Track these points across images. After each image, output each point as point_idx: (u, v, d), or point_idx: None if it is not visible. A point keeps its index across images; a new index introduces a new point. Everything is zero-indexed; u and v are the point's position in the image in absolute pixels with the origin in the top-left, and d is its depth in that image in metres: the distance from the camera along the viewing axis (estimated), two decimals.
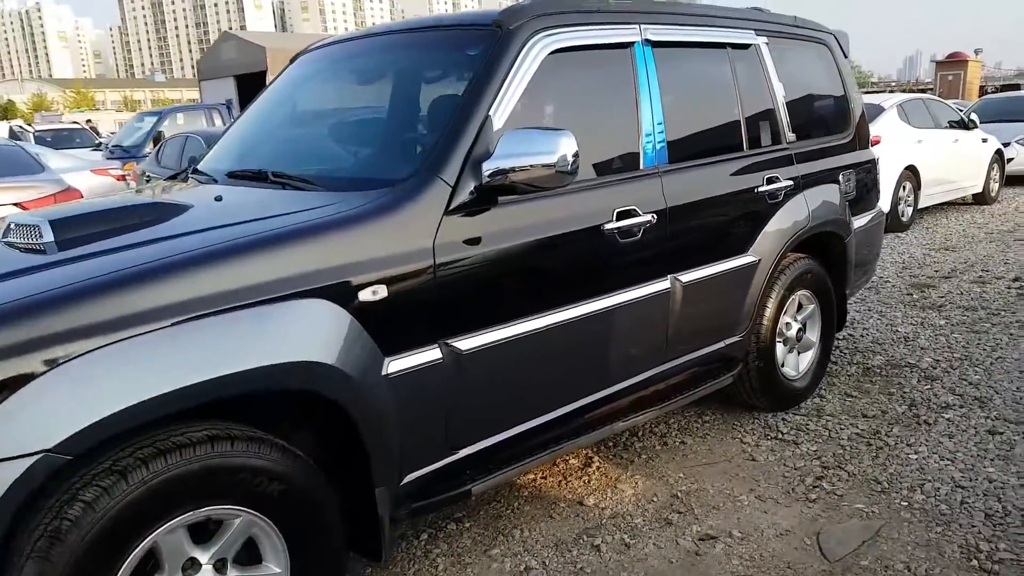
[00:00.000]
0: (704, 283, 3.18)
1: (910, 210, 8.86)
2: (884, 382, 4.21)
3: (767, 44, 3.67)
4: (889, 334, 5.03)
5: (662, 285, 3.01)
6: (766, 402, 3.77)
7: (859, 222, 4.19)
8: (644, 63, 3.03)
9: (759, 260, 3.45)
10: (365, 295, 2.13)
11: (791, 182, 3.60)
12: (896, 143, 8.55)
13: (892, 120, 8.74)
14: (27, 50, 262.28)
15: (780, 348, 3.76)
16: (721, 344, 3.45)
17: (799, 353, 3.92)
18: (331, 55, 3.38)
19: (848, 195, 4.03)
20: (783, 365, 3.80)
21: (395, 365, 2.19)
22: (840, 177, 3.97)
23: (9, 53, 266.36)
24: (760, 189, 3.44)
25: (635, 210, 2.87)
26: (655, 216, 2.93)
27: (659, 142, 3.04)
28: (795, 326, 3.83)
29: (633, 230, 2.85)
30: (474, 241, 2.37)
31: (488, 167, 2.34)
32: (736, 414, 3.84)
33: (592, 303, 2.75)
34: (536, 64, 2.61)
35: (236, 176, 2.87)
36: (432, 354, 2.28)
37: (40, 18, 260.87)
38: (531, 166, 2.33)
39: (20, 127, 27.50)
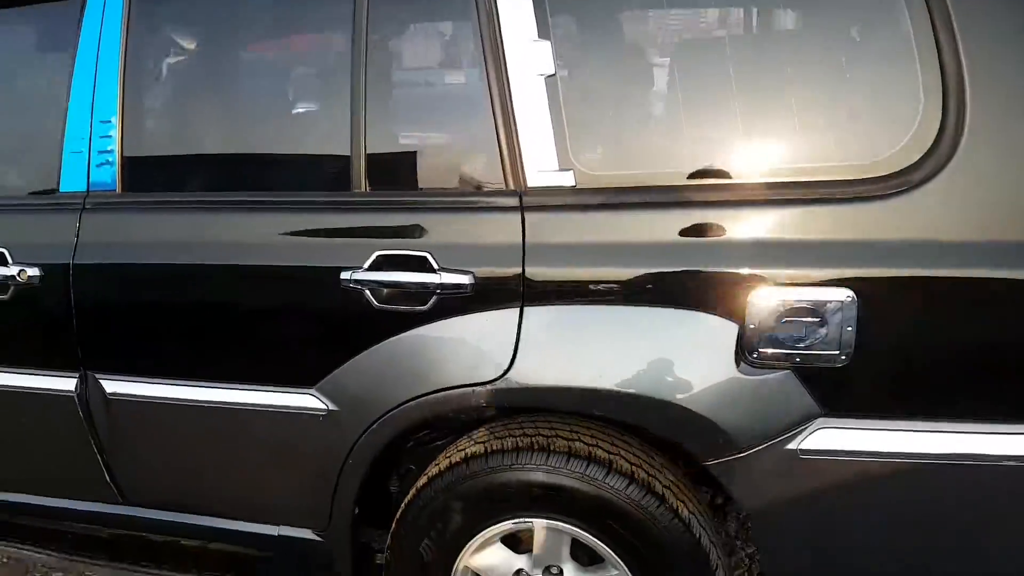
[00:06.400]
0: (166, 409, 1.80)
1: None
2: None
3: None
4: None
5: (61, 383, 1.87)
6: None
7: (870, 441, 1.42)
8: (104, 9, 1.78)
9: (333, 410, 1.68)
10: None
11: (466, 279, 1.55)
12: None
13: None
14: None
15: None
16: (275, 529, 1.89)
17: None
18: None
19: (788, 349, 1.41)
20: None
21: None
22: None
23: None
24: (353, 277, 1.61)
25: (4, 255, 1.84)
26: (43, 271, 1.81)
27: (102, 152, 1.79)
28: None
29: None
30: None
31: None
32: None
33: None
34: None
35: None
36: None
37: None
38: None
39: None
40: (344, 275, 1.61)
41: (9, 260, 1.83)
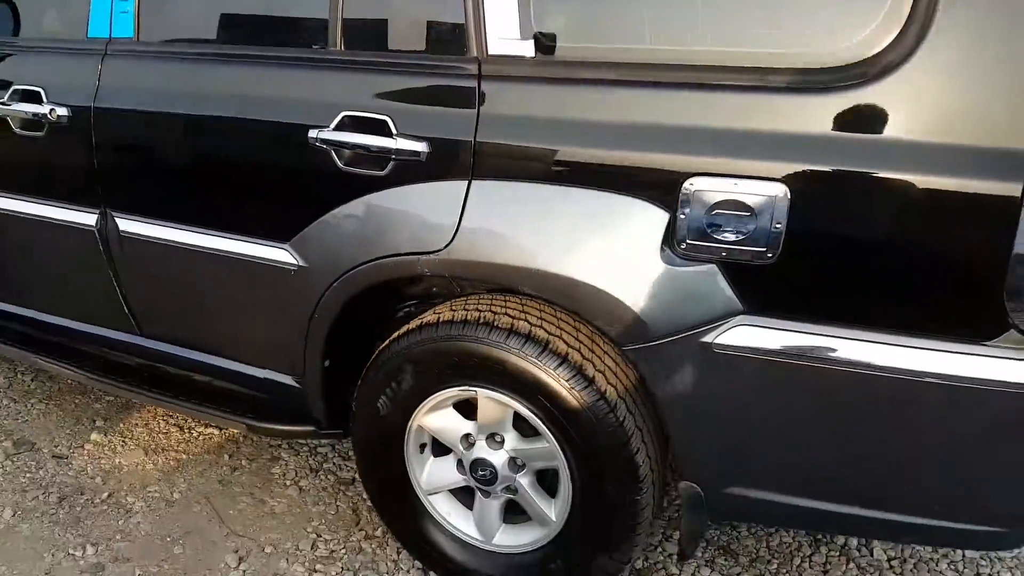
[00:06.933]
0: (169, 251, 1.96)
1: None
2: None
3: None
4: None
5: (85, 218, 2.06)
6: None
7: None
8: None
9: (303, 266, 1.78)
10: None
11: (420, 147, 1.58)
12: None
13: None
14: None
15: (417, 461, 1.89)
16: (262, 372, 2.05)
17: (494, 500, 1.84)
18: None
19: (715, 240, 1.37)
20: (426, 490, 1.91)
21: None
22: (677, 191, 1.38)
23: None
24: (319, 136, 1.67)
25: (40, 94, 2.02)
26: (71, 112, 1.98)
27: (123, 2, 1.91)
28: (480, 448, 1.77)
29: (35, 120, 2.03)
30: None
31: None
32: None
33: None
34: None
35: None
36: None
37: None
38: None
39: None
40: (312, 133, 1.68)
41: (44, 99, 2.01)
